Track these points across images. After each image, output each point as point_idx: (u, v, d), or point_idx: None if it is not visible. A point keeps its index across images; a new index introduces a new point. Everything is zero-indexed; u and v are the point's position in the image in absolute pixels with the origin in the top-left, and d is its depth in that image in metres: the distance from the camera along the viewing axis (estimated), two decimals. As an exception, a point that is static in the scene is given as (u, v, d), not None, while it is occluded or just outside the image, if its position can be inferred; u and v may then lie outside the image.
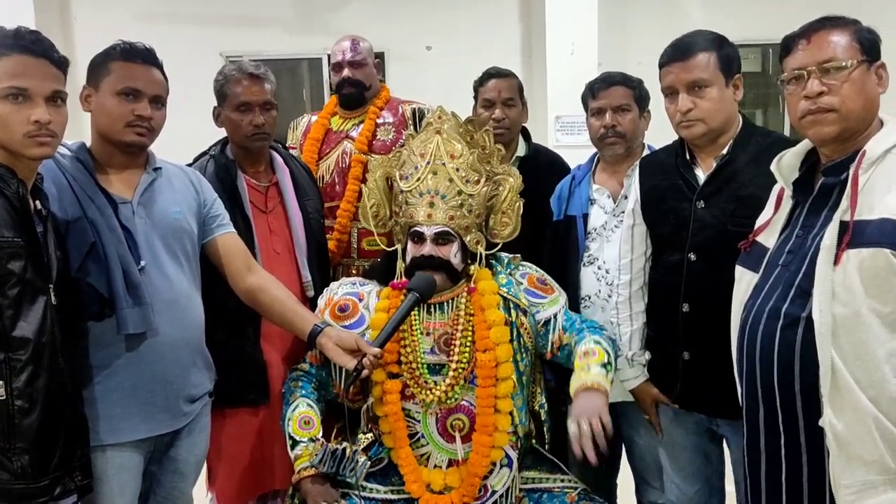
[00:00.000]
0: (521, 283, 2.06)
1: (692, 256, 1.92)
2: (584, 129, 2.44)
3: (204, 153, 2.31)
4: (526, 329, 2.00)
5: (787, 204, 1.64)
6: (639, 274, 2.11)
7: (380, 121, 2.74)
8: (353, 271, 2.65)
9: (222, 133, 2.34)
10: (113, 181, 1.87)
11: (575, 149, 3.03)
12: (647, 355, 2.12)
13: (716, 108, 1.88)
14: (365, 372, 1.86)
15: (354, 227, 2.65)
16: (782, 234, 1.63)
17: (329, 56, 2.73)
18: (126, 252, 1.78)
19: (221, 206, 2.08)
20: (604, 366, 1.87)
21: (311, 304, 2.21)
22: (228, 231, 2.06)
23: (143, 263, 1.81)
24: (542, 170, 2.64)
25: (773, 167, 1.66)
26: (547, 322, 2.01)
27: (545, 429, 2.14)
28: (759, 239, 1.68)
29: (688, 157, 2.00)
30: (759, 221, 1.72)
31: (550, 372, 2.29)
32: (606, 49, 5.32)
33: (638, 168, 2.12)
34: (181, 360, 1.90)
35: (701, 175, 1.96)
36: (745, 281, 1.68)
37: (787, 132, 4.52)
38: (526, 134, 2.74)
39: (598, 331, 2.03)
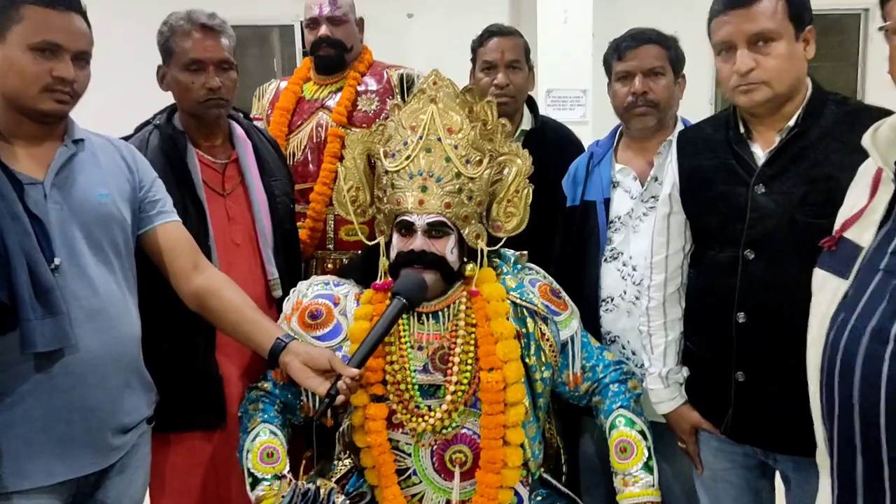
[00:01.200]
0: (534, 292, 1.76)
1: (749, 254, 1.58)
2: (577, 104, 2.11)
3: (146, 123, 1.96)
4: (549, 341, 1.71)
5: (888, 189, 1.27)
6: (675, 273, 1.77)
7: (361, 88, 2.41)
8: (330, 266, 2.36)
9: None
10: (19, 156, 1.50)
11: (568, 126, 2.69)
12: (685, 372, 1.78)
13: (784, 68, 1.53)
14: (340, 398, 1.54)
15: (331, 214, 2.35)
16: (881, 228, 1.26)
17: (304, 17, 2.44)
18: (34, 247, 1.43)
19: (163, 189, 1.73)
20: (647, 467, 1.70)
21: (280, 305, 1.91)
22: (171, 220, 1.72)
23: (57, 261, 1.47)
24: (551, 146, 2.31)
25: (865, 142, 1.29)
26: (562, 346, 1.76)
27: (562, 457, 1.86)
28: (849, 235, 1.31)
29: (742, 130, 1.64)
30: (844, 211, 1.35)
31: None
32: (602, 18, 5.00)
33: (675, 144, 1.77)
34: (109, 383, 1.56)
35: (759, 153, 1.61)
36: (829, 289, 1.31)
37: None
38: (532, 104, 2.42)
39: (621, 387, 1.80)
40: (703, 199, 1.67)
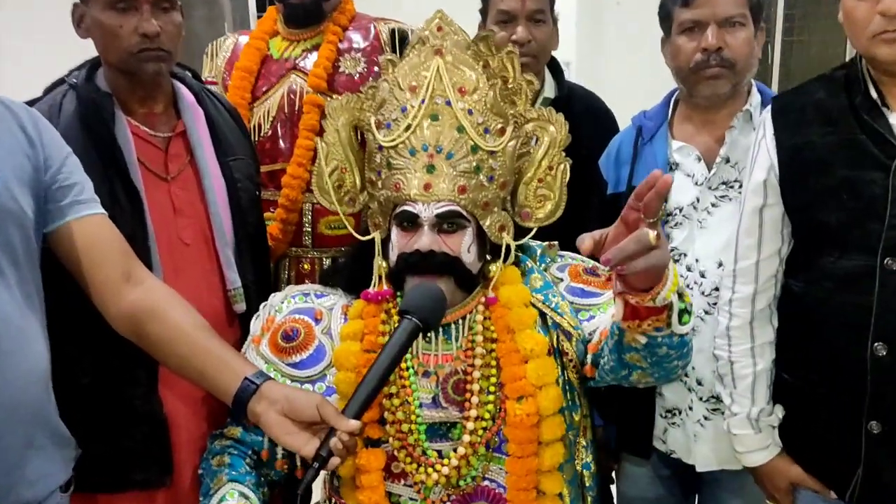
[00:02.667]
0: (561, 281, 1.44)
1: (892, 263, 1.24)
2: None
3: (59, 82, 1.55)
4: (572, 360, 1.38)
5: None
6: (768, 284, 1.43)
7: (343, 45, 2.02)
8: (306, 267, 2.01)
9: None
10: None
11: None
12: (780, 412, 1.44)
13: None
14: (334, 461, 1.17)
15: (308, 202, 1.98)
16: None
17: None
18: None
19: (79, 170, 1.35)
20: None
21: (244, 324, 1.57)
22: (92, 213, 1.34)
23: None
24: (580, 119, 1.91)
25: None
26: (596, 330, 1.40)
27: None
28: None
29: (874, 94, 1.28)
30: None
31: (599, 413, 1.67)
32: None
33: (770, 115, 1.41)
34: (1, 445, 1.18)
35: None
36: None
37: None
38: (556, 67, 2.07)
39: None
40: (815, 187, 1.34)
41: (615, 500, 1.80)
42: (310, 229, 1.99)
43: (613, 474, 1.84)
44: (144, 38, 1.45)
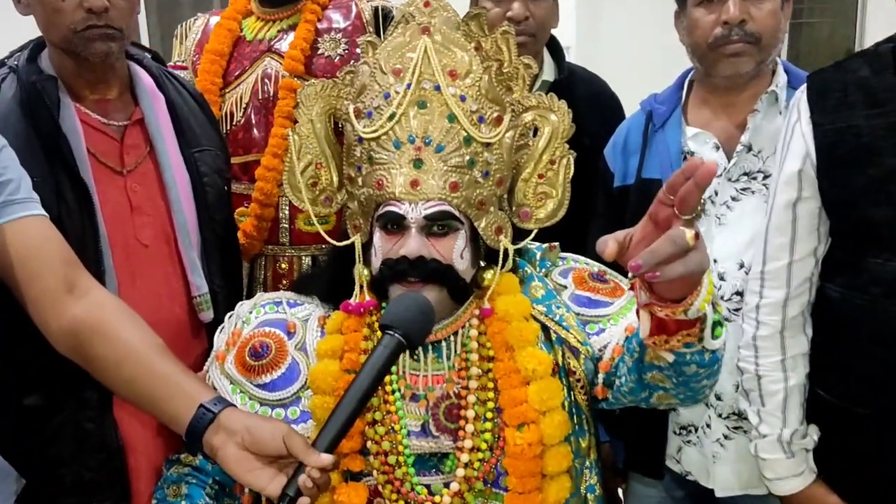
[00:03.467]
0: (565, 289, 1.31)
1: None
2: None
3: None
4: (580, 380, 1.24)
5: None
6: (802, 289, 1.29)
7: (322, 25, 1.89)
8: (283, 266, 1.88)
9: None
10: None
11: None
12: (816, 434, 1.30)
13: None
14: (303, 501, 1.01)
15: (284, 197, 1.85)
16: None
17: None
18: None
19: (15, 164, 1.22)
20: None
21: (212, 336, 1.43)
22: (28, 213, 1.21)
23: None
24: (582, 103, 1.78)
25: None
26: (607, 346, 1.27)
27: None
28: None
29: None
30: None
31: (605, 429, 1.61)
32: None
33: (805, 95, 1.26)
34: None
35: None
36: None
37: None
38: (555, 47, 1.93)
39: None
40: (861, 178, 1.20)
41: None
42: (287, 226, 1.88)
43: (620, 493, 1.71)
44: (90, 14, 1.32)
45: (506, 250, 1.22)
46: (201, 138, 1.57)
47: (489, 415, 1.20)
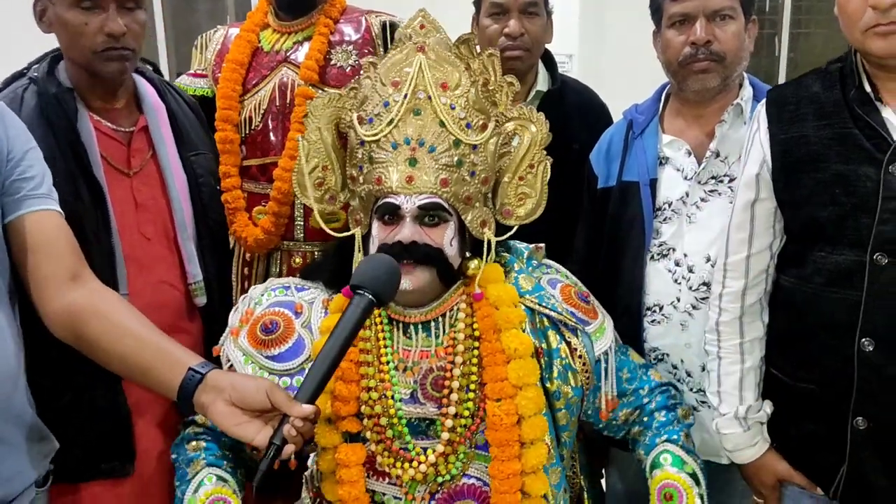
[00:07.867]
0: (553, 298, 1.41)
1: (881, 259, 1.22)
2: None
3: (19, 75, 1.54)
4: (581, 358, 1.37)
5: None
6: (759, 279, 1.41)
7: (335, 38, 1.96)
8: (298, 261, 1.95)
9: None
10: None
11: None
12: (768, 408, 1.41)
13: None
14: (289, 448, 1.10)
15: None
16: None
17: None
18: None
19: (40, 164, 1.31)
20: None
21: (207, 319, 1.63)
22: (45, 208, 1.29)
23: None
24: (573, 112, 1.94)
25: None
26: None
27: (585, 501, 1.55)
28: None
29: (868, 88, 1.26)
30: None
31: None
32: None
33: (765, 108, 1.38)
34: None
35: (894, 119, 1.24)
36: None
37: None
38: (549, 60, 2.03)
39: (669, 415, 1.44)
40: (809, 182, 1.30)
41: (605, 495, 1.78)
42: (301, 222, 1.94)
43: (603, 470, 1.81)
44: (110, 38, 1.43)
45: (490, 242, 1.34)
46: (197, 143, 1.70)
47: (472, 387, 1.31)
